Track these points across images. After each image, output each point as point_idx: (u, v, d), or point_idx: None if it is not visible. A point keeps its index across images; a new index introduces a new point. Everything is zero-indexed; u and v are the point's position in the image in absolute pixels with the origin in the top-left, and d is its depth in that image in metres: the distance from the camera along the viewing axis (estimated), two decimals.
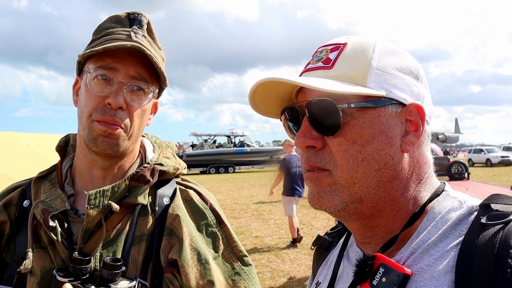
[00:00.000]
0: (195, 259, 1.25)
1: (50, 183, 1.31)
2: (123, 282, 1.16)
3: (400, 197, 0.82)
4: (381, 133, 0.79)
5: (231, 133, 47.03)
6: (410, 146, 0.81)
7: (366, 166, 0.79)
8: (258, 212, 13.53)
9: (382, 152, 0.79)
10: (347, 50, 0.83)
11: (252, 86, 0.85)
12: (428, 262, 0.75)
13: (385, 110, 0.80)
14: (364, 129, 0.79)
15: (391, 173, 0.80)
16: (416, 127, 0.82)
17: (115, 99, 1.19)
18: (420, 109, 0.82)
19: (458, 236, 0.75)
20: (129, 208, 1.28)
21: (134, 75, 1.23)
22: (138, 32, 1.28)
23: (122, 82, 1.21)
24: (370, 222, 0.84)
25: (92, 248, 1.20)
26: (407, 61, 0.84)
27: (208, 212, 1.36)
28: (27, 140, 6.45)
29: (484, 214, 0.75)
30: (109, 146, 1.22)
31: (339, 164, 0.79)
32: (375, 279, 0.77)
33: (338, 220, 1.12)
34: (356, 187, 0.79)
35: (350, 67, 0.81)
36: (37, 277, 1.16)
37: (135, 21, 1.29)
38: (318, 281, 1.03)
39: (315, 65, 0.85)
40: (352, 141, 0.79)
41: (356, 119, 0.79)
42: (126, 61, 1.22)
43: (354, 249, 0.92)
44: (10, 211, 1.28)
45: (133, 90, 1.24)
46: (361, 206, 0.81)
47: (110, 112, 1.20)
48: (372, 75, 0.80)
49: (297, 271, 7.20)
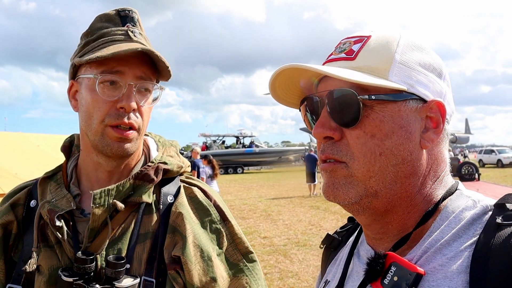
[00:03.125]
0: (198, 256, 1.25)
1: (56, 184, 1.32)
2: (127, 280, 1.17)
3: (416, 194, 0.80)
4: (400, 128, 0.78)
5: (240, 134, 47.12)
6: (430, 142, 0.80)
7: (384, 161, 0.77)
8: (266, 212, 13.52)
9: (400, 147, 0.78)
10: (370, 42, 0.82)
11: (273, 72, 0.84)
12: (441, 262, 0.73)
13: (405, 105, 0.78)
14: (384, 122, 0.77)
15: (408, 168, 0.79)
16: (436, 124, 0.81)
17: (129, 102, 1.20)
18: (441, 106, 0.80)
19: (472, 236, 0.74)
20: (134, 206, 1.28)
21: (141, 75, 1.24)
22: (135, 31, 1.27)
23: (131, 85, 1.21)
24: (384, 218, 0.82)
25: (98, 246, 1.21)
26: (431, 58, 0.83)
27: (212, 208, 1.36)
28: (37, 140, 6.51)
29: (500, 214, 0.73)
30: (124, 150, 1.24)
31: (356, 157, 0.78)
32: (387, 278, 0.75)
33: (349, 217, 1.11)
34: (372, 181, 0.78)
35: (373, 59, 0.80)
36: (45, 275, 1.18)
37: (127, 19, 1.28)
38: (327, 280, 1.01)
39: (337, 56, 0.84)
40: (371, 135, 0.77)
41: (377, 112, 0.78)
42: (130, 62, 1.22)
43: (365, 247, 0.91)
44: (17, 211, 1.30)
45: (141, 90, 1.25)
46: (376, 200, 0.79)
47: (125, 115, 1.21)
48: (395, 69, 0.79)
49: (305, 272, 7.18)
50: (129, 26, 1.27)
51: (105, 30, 1.26)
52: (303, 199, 16.32)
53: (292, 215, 12.77)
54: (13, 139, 6.28)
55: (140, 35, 1.28)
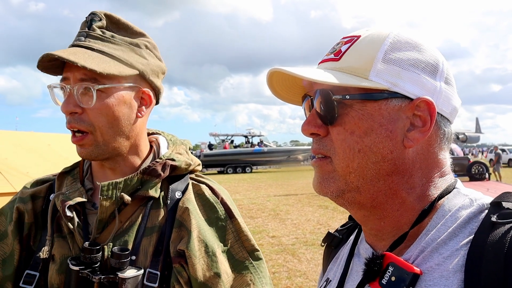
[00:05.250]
0: (203, 251, 1.28)
1: (72, 178, 1.40)
2: (131, 270, 1.21)
3: (402, 191, 0.81)
4: (380, 126, 0.79)
5: (249, 133, 47.06)
6: (414, 142, 0.80)
7: (363, 157, 0.79)
8: (275, 212, 13.51)
9: (380, 145, 0.79)
10: (358, 42, 0.84)
11: (266, 76, 0.90)
12: (438, 261, 0.74)
13: (387, 104, 0.79)
14: (363, 120, 0.79)
15: (390, 167, 0.80)
16: (424, 123, 0.80)
17: (63, 107, 1.24)
18: (429, 104, 0.79)
19: (468, 234, 0.74)
20: (142, 201, 1.33)
21: (81, 77, 1.23)
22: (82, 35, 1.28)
23: (71, 89, 1.24)
24: (373, 213, 0.84)
25: (105, 238, 1.27)
26: (423, 55, 0.82)
27: (219, 206, 1.39)
28: (48, 140, 6.56)
29: (495, 213, 0.74)
30: (86, 154, 1.28)
31: (337, 152, 0.81)
32: (384, 278, 0.77)
33: (350, 215, 1.12)
34: (352, 177, 0.81)
35: (355, 59, 0.82)
36: (57, 264, 1.26)
37: (88, 23, 1.30)
38: (328, 278, 1.03)
39: (327, 57, 0.87)
40: (351, 132, 0.80)
41: (356, 110, 0.80)
42: (73, 67, 1.22)
43: (364, 245, 0.92)
44: (37, 203, 1.37)
45: (84, 92, 1.24)
46: (359, 195, 0.82)
47: (68, 119, 1.25)
48: (377, 68, 0.80)
49: (313, 271, 7.17)
50: (84, 31, 1.29)
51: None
52: (311, 198, 16.26)
53: (301, 215, 12.74)
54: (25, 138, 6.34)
55: (90, 37, 1.27)
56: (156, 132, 1.55)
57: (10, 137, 6.12)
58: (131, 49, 1.31)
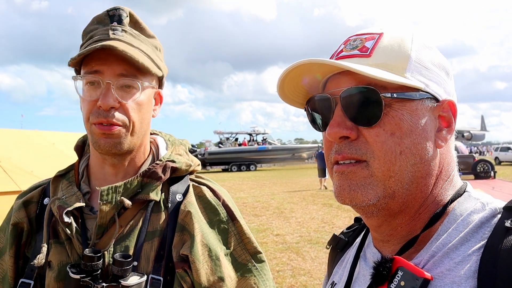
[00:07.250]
0: (206, 255, 1.26)
1: (67, 181, 1.35)
2: (134, 277, 1.18)
3: (429, 195, 0.79)
4: (418, 127, 0.77)
5: (253, 131, 47.10)
6: (444, 142, 0.79)
7: (404, 160, 0.76)
8: (279, 210, 13.51)
9: (419, 146, 0.76)
10: (384, 40, 0.80)
11: (287, 68, 0.81)
12: (449, 267, 0.72)
13: (422, 104, 0.77)
14: (403, 121, 0.76)
15: (425, 168, 0.78)
16: (448, 124, 0.80)
17: (104, 101, 1.21)
18: (452, 106, 0.80)
19: (480, 239, 0.72)
20: (142, 204, 1.30)
21: (121, 72, 1.23)
22: (117, 28, 1.27)
23: (109, 83, 1.22)
24: (395, 219, 0.81)
25: (105, 243, 1.23)
26: (439, 57, 0.83)
27: (221, 208, 1.37)
28: (52, 138, 6.58)
29: (509, 218, 0.71)
30: (111, 145, 1.24)
31: (377, 155, 0.76)
32: (393, 282, 0.74)
33: (356, 217, 1.10)
34: (392, 181, 0.76)
35: (389, 56, 0.78)
36: (54, 271, 1.21)
37: (114, 17, 1.28)
38: (333, 281, 1.01)
39: (350, 53, 0.81)
40: (391, 133, 0.76)
41: (396, 110, 0.76)
42: (110, 60, 1.22)
43: (371, 249, 0.90)
44: (30, 209, 1.33)
45: (122, 87, 1.24)
46: (392, 201, 0.78)
47: (103, 113, 1.22)
48: (411, 67, 0.78)
49: (318, 270, 7.16)
50: (114, 25, 1.27)
51: (93, 32, 1.28)
52: (316, 196, 16.25)
53: (305, 213, 12.73)
54: (29, 137, 6.36)
55: (123, 32, 1.26)
56: (154, 132, 1.52)
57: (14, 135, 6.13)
58: (153, 50, 1.33)
